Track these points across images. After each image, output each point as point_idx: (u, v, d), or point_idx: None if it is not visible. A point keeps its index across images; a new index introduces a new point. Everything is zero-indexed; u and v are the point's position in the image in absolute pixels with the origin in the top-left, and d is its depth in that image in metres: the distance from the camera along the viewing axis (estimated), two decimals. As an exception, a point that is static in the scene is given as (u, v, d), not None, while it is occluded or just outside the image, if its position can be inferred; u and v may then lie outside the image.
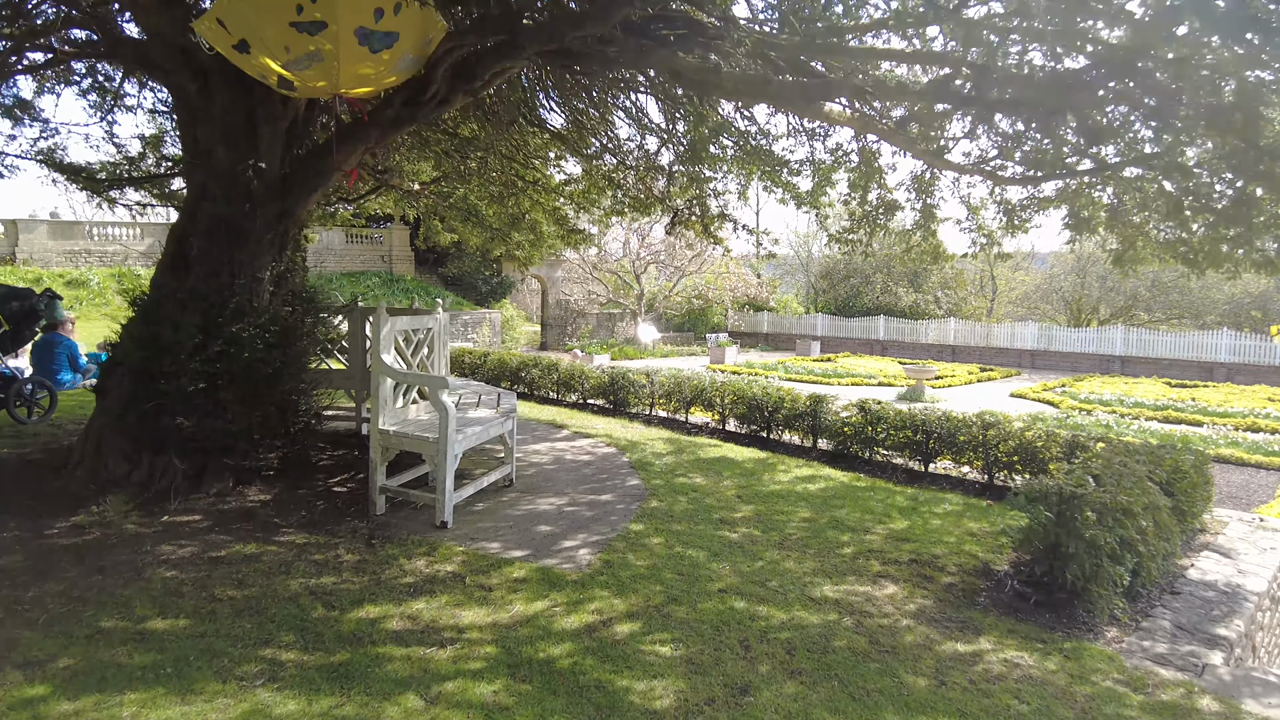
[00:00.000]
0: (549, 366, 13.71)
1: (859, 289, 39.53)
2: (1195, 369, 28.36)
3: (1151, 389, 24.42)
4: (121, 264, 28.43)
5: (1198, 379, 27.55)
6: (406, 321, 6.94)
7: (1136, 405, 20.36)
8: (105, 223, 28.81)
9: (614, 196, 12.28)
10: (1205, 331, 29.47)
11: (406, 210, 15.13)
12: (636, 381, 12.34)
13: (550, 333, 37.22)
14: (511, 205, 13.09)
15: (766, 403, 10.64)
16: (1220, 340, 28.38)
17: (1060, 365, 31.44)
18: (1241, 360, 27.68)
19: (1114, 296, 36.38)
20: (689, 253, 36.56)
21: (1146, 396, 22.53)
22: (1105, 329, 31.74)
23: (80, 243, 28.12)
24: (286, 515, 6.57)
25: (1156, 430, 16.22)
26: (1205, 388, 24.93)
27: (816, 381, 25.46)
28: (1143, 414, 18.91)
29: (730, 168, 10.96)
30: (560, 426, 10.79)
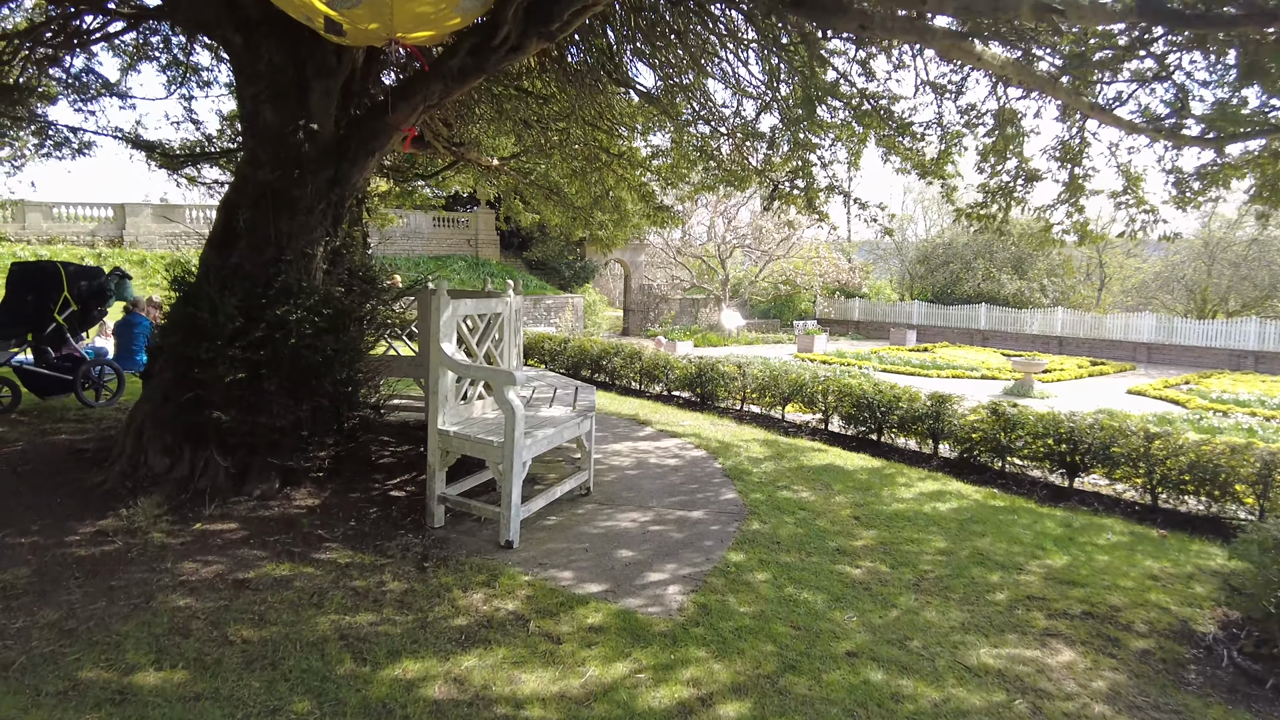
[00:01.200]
0: (631, 355, 12.63)
1: (958, 275, 37.09)
2: (1350, 365, 25.30)
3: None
4: (217, 246, 28.76)
5: (1352, 376, 24.55)
6: (470, 305, 5.94)
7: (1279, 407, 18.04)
8: (205, 206, 29.17)
9: (705, 169, 11.06)
10: (1361, 324, 26.21)
11: (486, 188, 14.28)
12: (727, 374, 11.14)
13: (632, 318, 36.24)
14: (595, 181, 12.03)
15: (879, 402, 9.29)
16: (1379, 333, 25.22)
17: (1181, 360, 28.60)
18: None
19: (1246, 286, 32.98)
20: (777, 236, 34.96)
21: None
22: (1236, 321, 28.68)
23: (182, 225, 28.55)
24: (333, 525, 5.67)
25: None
26: (1363, 386, 22.14)
27: (914, 373, 23.69)
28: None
29: (840, 134, 9.60)
30: (643, 423, 9.68)
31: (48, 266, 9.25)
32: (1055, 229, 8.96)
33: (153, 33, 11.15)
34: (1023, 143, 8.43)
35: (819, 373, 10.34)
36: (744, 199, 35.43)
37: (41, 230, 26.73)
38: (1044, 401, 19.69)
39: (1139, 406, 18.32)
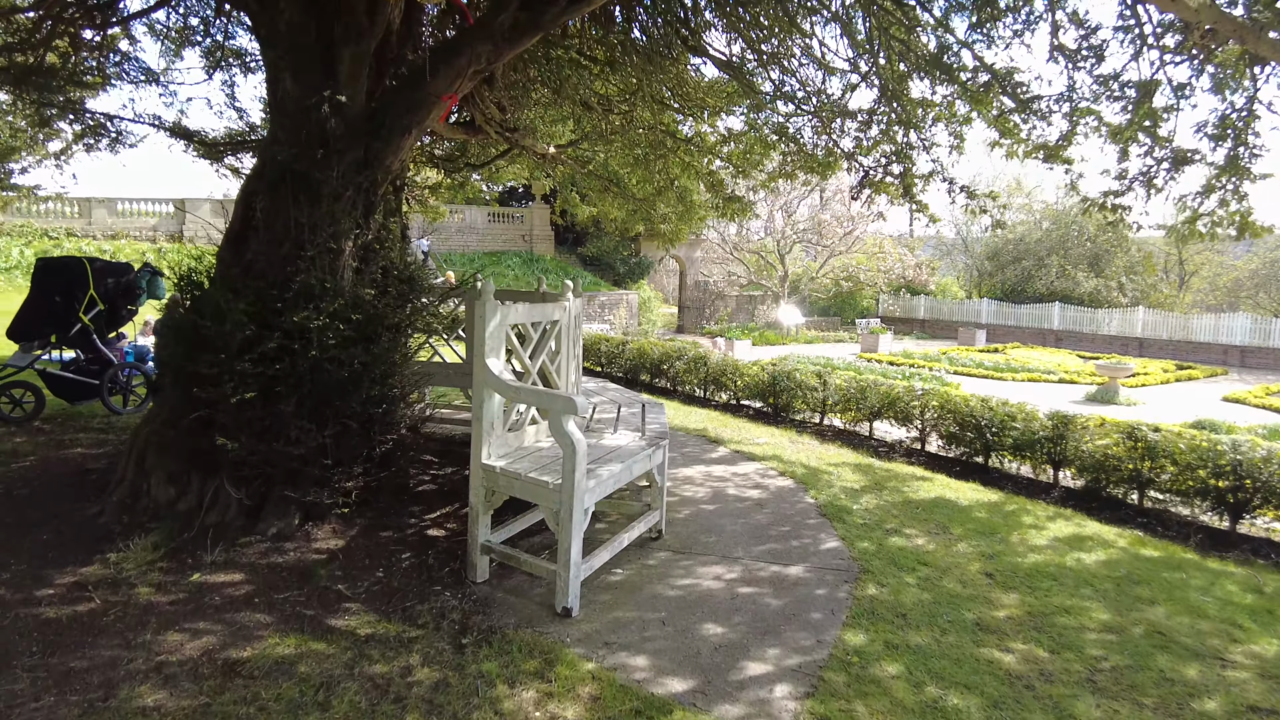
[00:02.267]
0: (696, 360, 11.45)
1: (1030, 272, 34.93)
2: None
3: None
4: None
5: None
6: (522, 312, 4.83)
7: None
8: (260, 200, 28.86)
9: (784, 154, 9.82)
10: None
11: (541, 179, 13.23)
12: (806, 384, 9.89)
13: (687, 315, 35.01)
14: (659, 170, 10.88)
15: (989, 421, 7.96)
16: None
17: (1279, 365, 26.31)
18: None
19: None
20: (839, 230, 33.34)
21: None
22: (1348, 323, 26.28)
23: (237, 220, 28.26)
24: (356, 576, 4.64)
25: None
26: None
27: (987, 376, 22.07)
28: None
29: (942, 114, 8.27)
30: (714, 440, 8.47)
31: (72, 263, 8.46)
32: (1201, 221, 7.50)
33: (191, 14, 10.35)
34: (1173, 117, 7.02)
35: (915, 385, 9.03)
36: (804, 192, 33.92)
37: (107, 226, 26.69)
38: (1131, 409, 17.99)
39: (1239, 416, 16.56)
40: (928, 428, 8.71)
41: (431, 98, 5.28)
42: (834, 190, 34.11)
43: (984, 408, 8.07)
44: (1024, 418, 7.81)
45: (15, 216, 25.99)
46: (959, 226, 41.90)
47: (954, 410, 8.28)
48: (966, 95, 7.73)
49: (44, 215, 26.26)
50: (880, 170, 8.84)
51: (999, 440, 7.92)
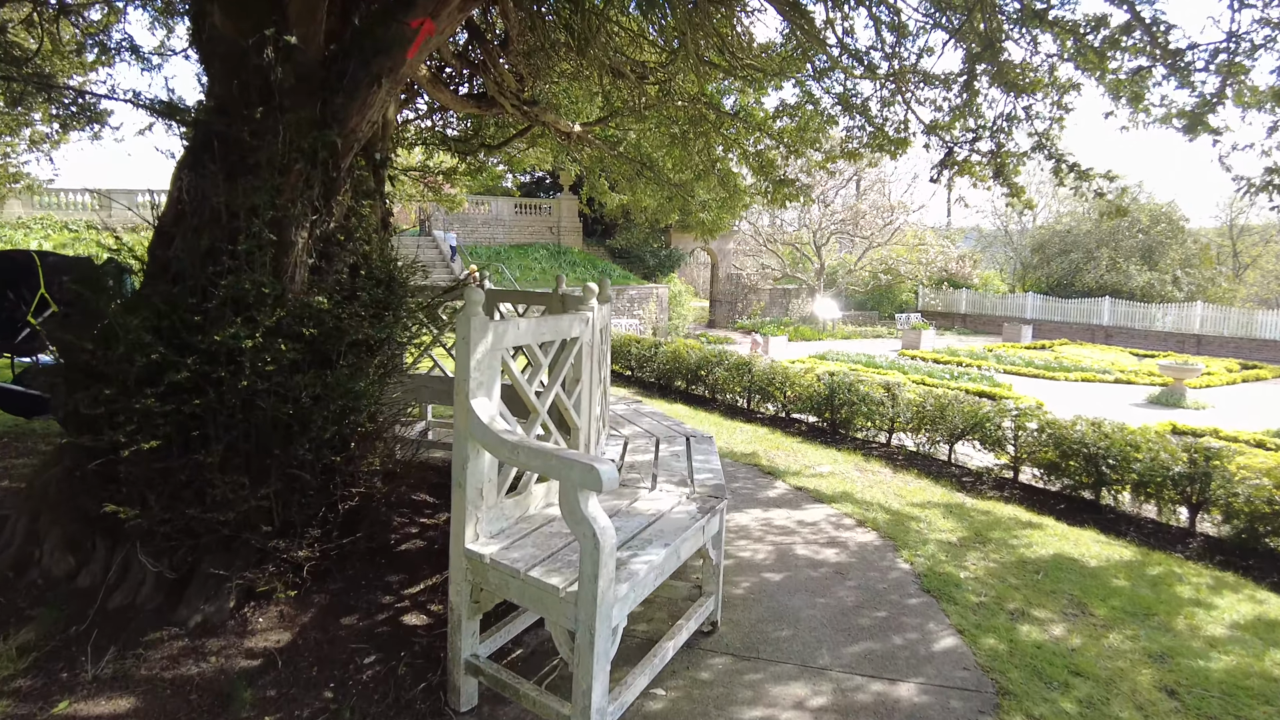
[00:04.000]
0: (739, 367, 9.95)
1: (1078, 265, 32.81)
2: None
3: None
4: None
5: None
6: (526, 330, 3.37)
7: None
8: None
9: (848, 130, 8.27)
10: None
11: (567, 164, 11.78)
12: (872, 398, 8.35)
13: (719, 309, 33.45)
14: (699, 149, 9.38)
15: (1105, 450, 6.39)
16: None
17: (1353, 363, 24.24)
18: None
19: None
20: (878, 222, 31.53)
21: None
22: None
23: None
24: (296, 699, 3.25)
25: None
26: None
27: (1038, 375, 20.40)
28: None
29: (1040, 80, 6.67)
30: (769, 473, 6.91)
31: (19, 257, 7.21)
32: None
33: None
34: None
35: (1005, 405, 7.46)
36: (842, 181, 32.15)
37: (127, 218, 25.76)
38: (1200, 413, 16.22)
39: None
40: (1022, 454, 7.16)
41: (408, 34, 3.85)
42: (873, 179, 32.31)
43: (1097, 434, 6.50)
44: (1150, 447, 6.24)
45: (35, 209, 25.16)
46: (1002, 217, 39.78)
47: (1057, 435, 6.71)
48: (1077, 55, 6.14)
49: (64, 208, 25.40)
50: (967, 147, 7.27)
51: (1122, 475, 6.35)
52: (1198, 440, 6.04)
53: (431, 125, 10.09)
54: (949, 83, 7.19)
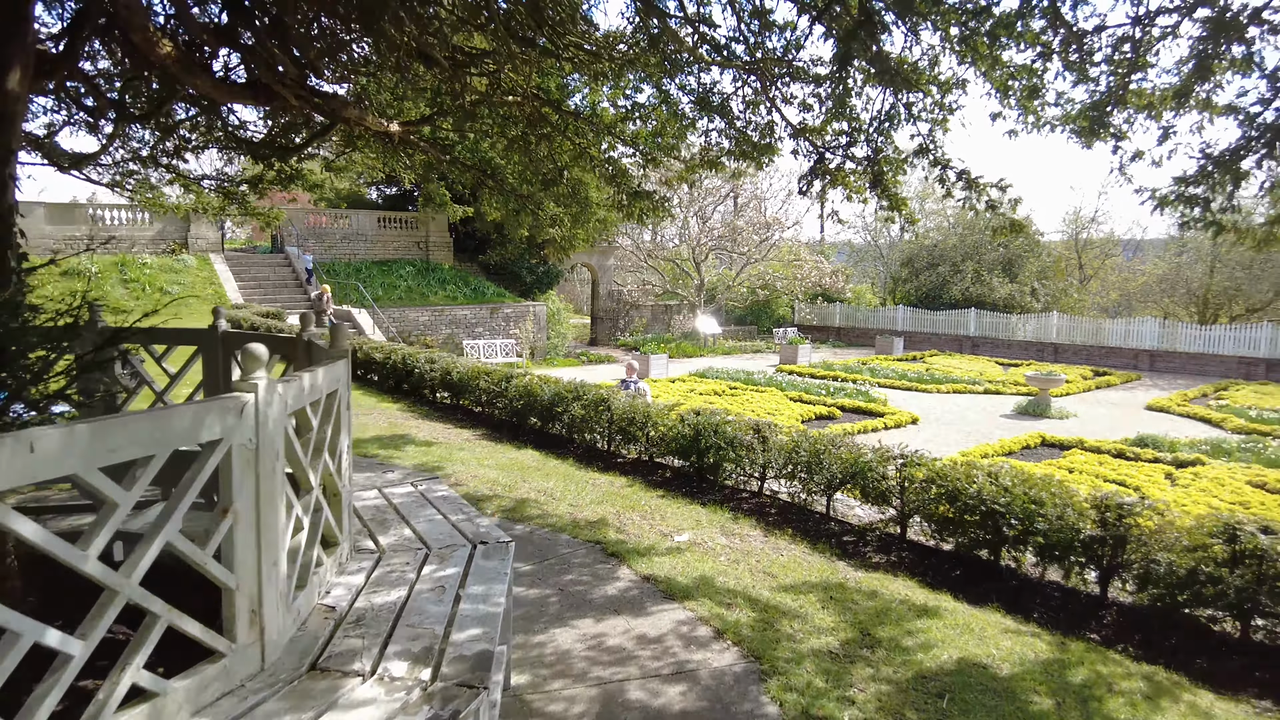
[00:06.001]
0: (596, 403, 8.55)
1: (946, 278, 33.44)
2: (1370, 375, 22.21)
3: (1326, 401, 18.75)
4: (127, 251, 24.10)
5: (1374, 387, 21.55)
6: (299, 391, 1.78)
7: None
8: (108, 205, 24.50)
9: (707, 136, 7.06)
10: (1388, 331, 23.11)
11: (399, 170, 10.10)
12: (740, 440, 7.12)
13: (601, 327, 32.14)
14: (543, 155, 7.97)
15: (1006, 507, 5.34)
16: None
17: (1186, 368, 25.42)
18: None
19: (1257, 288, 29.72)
20: (755, 238, 31.07)
21: (1331, 413, 16.95)
22: (1247, 326, 25.56)
23: (80, 227, 23.82)
24: None
25: None
26: (1401, 402, 19.12)
27: (912, 388, 20.19)
28: None
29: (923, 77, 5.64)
30: (612, 553, 5.34)
31: None
32: None
33: None
34: None
35: (886, 446, 6.35)
36: (720, 197, 31.57)
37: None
38: (1065, 422, 16.18)
39: (1169, 427, 15.17)
40: (910, 507, 6.07)
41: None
42: (750, 195, 31.91)
43: (995, 487, 5.46)
44: (1055, 503, 5.24)
45: None
46: (872, 232, 40.41)
47: (951, 489, 5.65)
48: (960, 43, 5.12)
49: None
50: (840, 153, 6.16)
51: (1020, 537, 5.32)
52: (1108, 497, 5.08)
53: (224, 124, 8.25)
54: (820, 79, 6.07)
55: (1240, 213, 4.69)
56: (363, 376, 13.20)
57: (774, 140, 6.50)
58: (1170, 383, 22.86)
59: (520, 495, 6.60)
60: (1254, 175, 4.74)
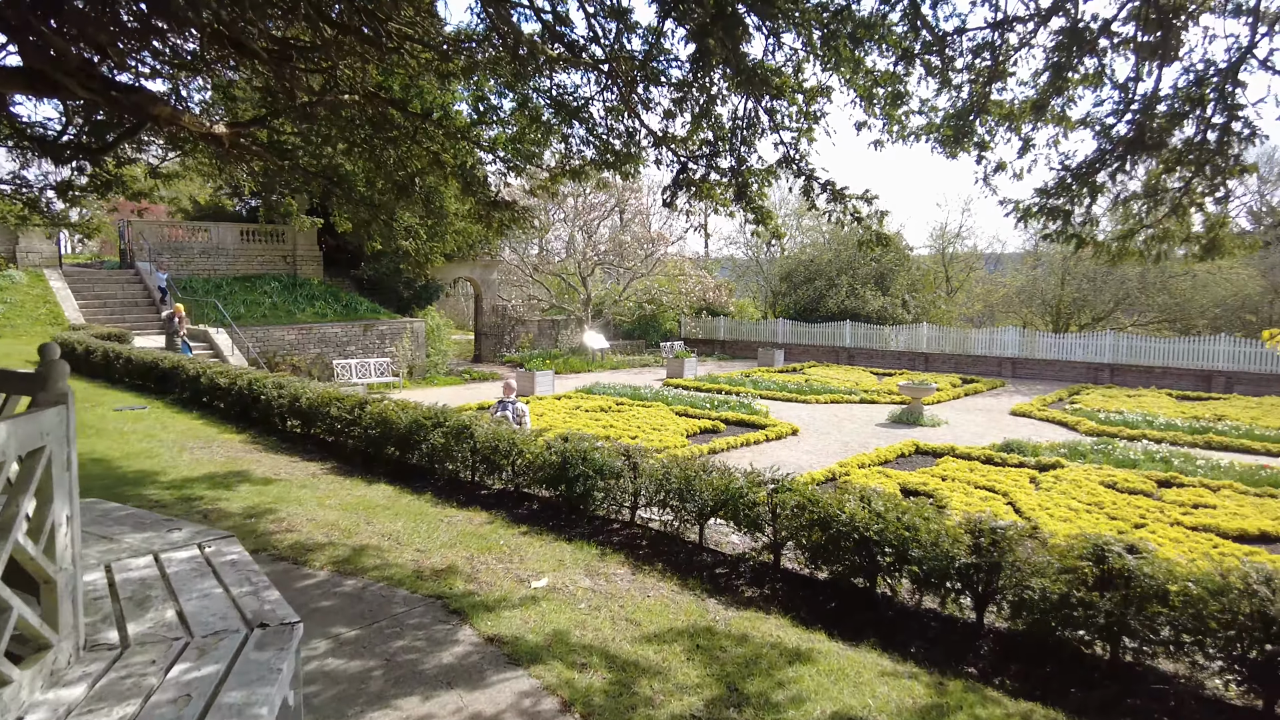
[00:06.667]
0: (458, 430, 7.83)
1: (822, 292, 34.37)
2: (1192, 378, 24.19)
3: (1158, 402, 20.42)
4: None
5: (1194, 388, 23.55)
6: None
7: (1169, 428, 16.04)
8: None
9: (568, 143, 6.54)
10: (1204, 338, 25.29)
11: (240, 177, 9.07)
12: (609, 468, 6.61)
13: (485, 343, 31.10)
14: (392, 161, 7.25)
15: (879, 534, 5.05)
16: (1219, 347, 24.27)
17: (1044, 374, 27.04)
18: (1240, 368, 23.60)
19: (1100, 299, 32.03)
20: (640, 252, 30.92)
21: (1162, 412, 18.45)
22: (1094, 335, 27.45)
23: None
24: None
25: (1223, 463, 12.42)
26: (1216, 400, 21.11)
27: (792, 399, 20.42)
28: (1179, 438, 14.98)
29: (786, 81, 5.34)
30: (455, 610, 4.62)
31: None
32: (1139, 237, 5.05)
33: None
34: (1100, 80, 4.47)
35: (758, 472, 5.99)
36: (605, 210, 31.24)
37: None
38: (937, 430, 16.66)
39: (1032, 431, 15.96)
40: (782, 534, 5.72)
41: None
42: (635, 210, 31.75)
43: (868, 514, 5.17)
44: (929, 530, 4.98)
45: None
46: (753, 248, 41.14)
47: (823, 516, 5.32)
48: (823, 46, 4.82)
49: None
50: (704, 163, 5.78)
51: (894, 565, 5.04)
52: (981, 520, 4.87)
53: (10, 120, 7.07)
54: (682, 85, 5.66)
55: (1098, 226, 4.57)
56: (207, 404, 11.91)
57: (636, 149, 6.05)
58: (1030, 388, 24.09)
59: (360, 541, 5.83)
60: (1108, 188, 4.66)
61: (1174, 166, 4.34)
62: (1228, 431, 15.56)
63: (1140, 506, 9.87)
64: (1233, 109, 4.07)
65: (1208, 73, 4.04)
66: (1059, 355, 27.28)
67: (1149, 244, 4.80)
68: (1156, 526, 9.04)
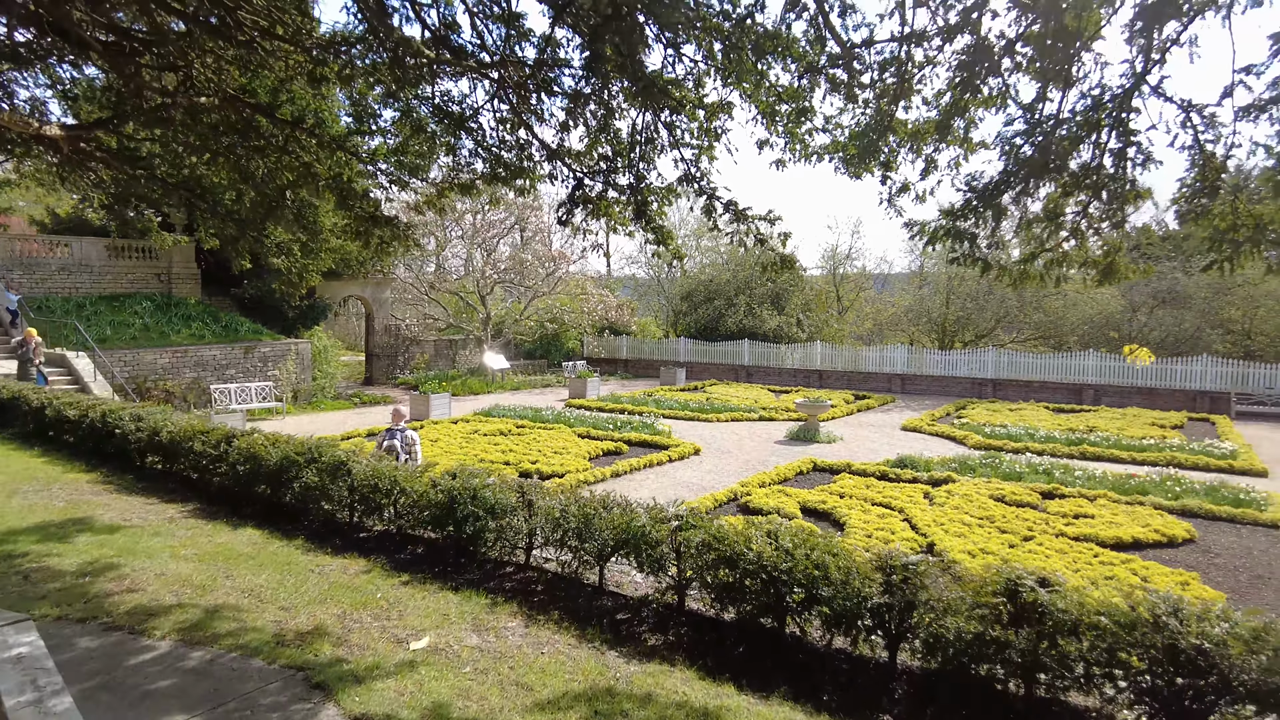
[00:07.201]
0: (334, 467, 7.10)
1: (721, 311, 34.73)
2: (1065, 391, 25.70)
3: (1037, 415, 21.33)
4: None
5: (1068, 401, 25.02)
6: None
7: (1049, 440, 16.86)
8: None
9: (455, 156, 6.03)
10: (1075, 353, 26.96)
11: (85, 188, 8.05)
12: (500, 506, 6.07)
13: (377, 364, 29.67)
14: (260, 172, 6.53)
15: (787, 573, 4.73)
16: (1088, 362, 25.96)
17: (931, 389, 28.10)
18: (1107, 381, 25.30)
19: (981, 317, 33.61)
20: (542, 270, 30.34)
21: (1040, 425, 19.24)
22: (977, 351, 28.75)
23: None
24: None
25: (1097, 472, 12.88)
26: (1087, 412, 22.38)
27: (694, 418, 20.30)
28: (1058, 450, 15.64)
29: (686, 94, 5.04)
30: (317, 683, 3.92)
31: None
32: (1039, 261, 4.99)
33: None
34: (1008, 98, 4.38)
35: (662, 508, 5.60)
36: (504, 228, 30.53)
37: None
38: (833, 446, 16.85)
39: (924, 446, 16.25)
40: (688, 574, 5.34)
41: None
42: (535, 228, 31.16)
43: (776, 552, 4.85)
44: (840, 567, 4.71)
45: None
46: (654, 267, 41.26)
47: (728, 551, 4.98)
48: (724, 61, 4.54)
49: None
50: (601, 179, 5.40)
51: (804, 604, 4.74)
52: (892, 556, 4.64)
53: None
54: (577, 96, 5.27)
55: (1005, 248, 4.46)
56: (54, 439, 10.59)
57: (530, 163, 5.61)
58: (920, 403, 24.83)
59: (216, 601, 5.07)
60: (1011, 211, 4.56)
61: (1072, 190, 4.28)
62: (1099, 442, 16.38)
63: (1028, 519, 10.07)
64: (1127, 134, 4.03)
65: (1104, 98, 3.99)
66: (945, 371, 28.39)
67: (1048, 267, 4.76)
68: (1043, 538, 9.22)
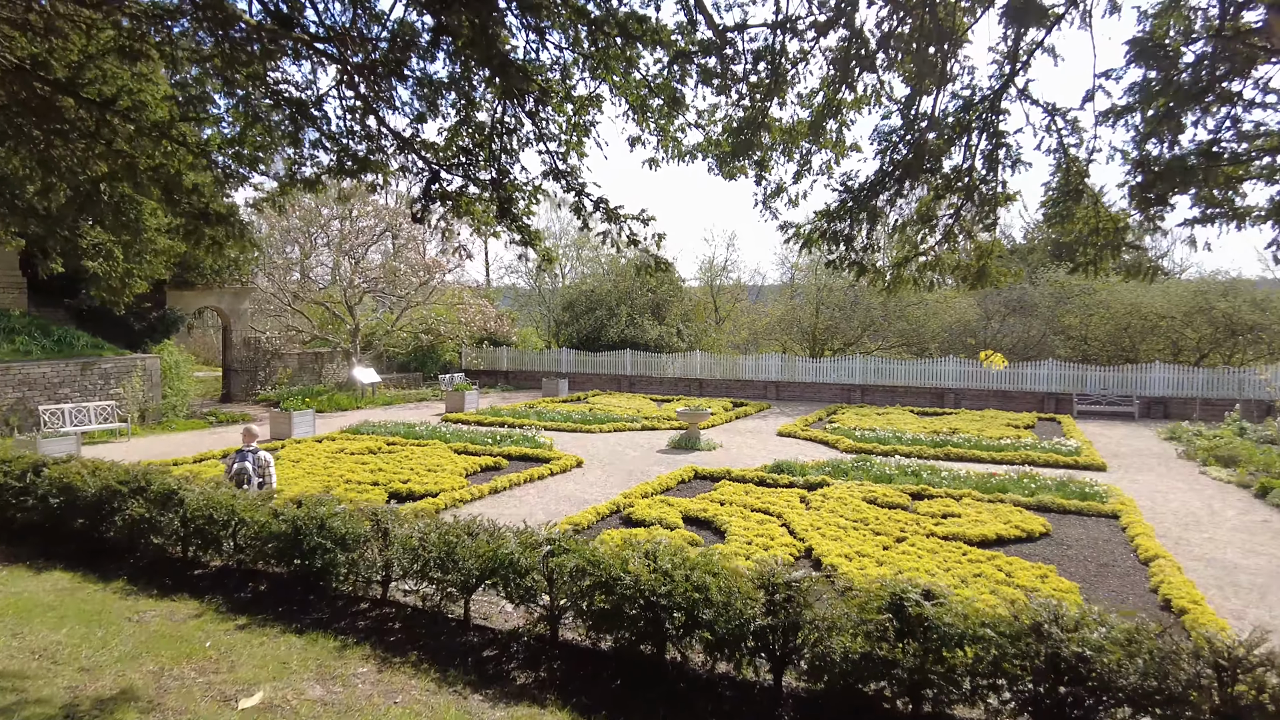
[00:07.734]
0: (162, 498, 6.20)
1: (603, 321, 34.51)
2: (928, 395, 27.21)
3: (903, 419, 22.15)
4: None
5: (931, 405, 26.50)
6: None
7: (915, 443, 17.59)
8: None
9: (299, 147, 5.37)
10: (936, 359, 28.57)
11: None
12: (352, 536, 5.42)
13: (236, 380, 27.48)
14: (67, 161, 5.62)
15: (667, 597, 4.40)
16: (948, 367, 27.61)
17: (804, 396, 29.00)
18: (966, 385, 26.99)
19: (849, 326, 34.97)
20: (415, 280, 29.06)
21: (907, 428, 20.04)
22: (846, 359, 29.93)
23: None
24: None
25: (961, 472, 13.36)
26: (949, 415, 23.61)
27: (576, 429, 19.94)
28: (924, 451, 16.23)
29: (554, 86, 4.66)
30: None
31: None
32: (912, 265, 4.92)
33: None
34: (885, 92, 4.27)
35: (533, 532, 5.15)
36: (374, 235, 29.08)
37: None
38: (713, 453, 16.93)
39: (799, 451, 16.61)
40: (561, 602, 4.91)
41: None
42: (408, 236, 29.80)
43: (654, 575, 4.51)
44: (721, 589, 4.42)
45: None
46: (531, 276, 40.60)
47: (603, 576, 4.59)
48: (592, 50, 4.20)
49: None
50: (460, 173, 4.91)
51: (685, 629, 4.42)
52: (774, 574, 4.40)
53: None
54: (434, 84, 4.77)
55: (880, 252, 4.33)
56: None
57: (381, 155, 5.05)
58: (794, 409, 25.49)
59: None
60: (886, 214, 4.44)
61: (944, 193, 4.21)
62: (962, 443, 17.21)
63: (899, 520, 10.26)
64: (997, 136, 3.98)
65: (974, 98, 3.92)
66: (817, 378, 29.35)
67: (921, 271, 4.69)
68: (915, 539, 9.38)
